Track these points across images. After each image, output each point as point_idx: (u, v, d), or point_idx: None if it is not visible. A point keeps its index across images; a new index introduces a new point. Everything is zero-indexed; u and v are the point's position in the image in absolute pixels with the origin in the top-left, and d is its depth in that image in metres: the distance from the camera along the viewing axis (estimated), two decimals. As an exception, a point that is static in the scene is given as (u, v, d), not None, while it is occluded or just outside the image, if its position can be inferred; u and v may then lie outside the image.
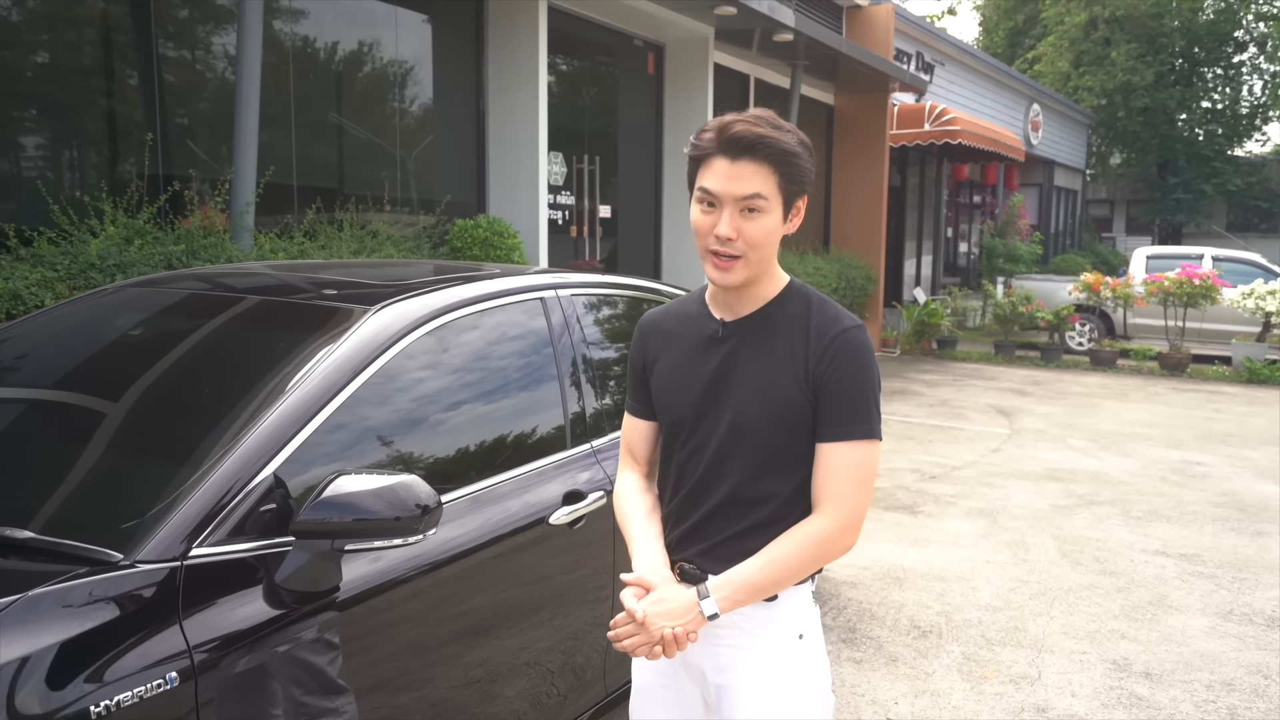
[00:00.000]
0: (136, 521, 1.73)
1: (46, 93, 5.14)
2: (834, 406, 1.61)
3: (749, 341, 1.68)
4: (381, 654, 1.97)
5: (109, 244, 4.58)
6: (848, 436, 1.61)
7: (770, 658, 1.68)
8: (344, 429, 2.05)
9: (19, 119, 5.03)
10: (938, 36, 16.25)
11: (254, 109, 5.27)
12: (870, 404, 1.63)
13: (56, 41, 5.19)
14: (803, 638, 1.71)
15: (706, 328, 1.72)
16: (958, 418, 8.76)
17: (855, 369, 1.63)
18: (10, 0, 4.92)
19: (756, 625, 1.68)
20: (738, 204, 1.58)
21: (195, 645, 1.65)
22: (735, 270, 1.61)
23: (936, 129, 13.91)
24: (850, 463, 1.61)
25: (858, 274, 12.70)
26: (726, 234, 1.58)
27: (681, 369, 1.73)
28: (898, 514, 5.63)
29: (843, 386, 1.62)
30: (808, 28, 9.54)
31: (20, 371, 2.43)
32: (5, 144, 4.94)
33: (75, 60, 5.27)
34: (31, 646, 1.48)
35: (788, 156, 1.59)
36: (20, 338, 2.54)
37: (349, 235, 5.93)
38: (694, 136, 1.65)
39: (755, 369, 1.66)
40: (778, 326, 1.67)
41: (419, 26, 7.31)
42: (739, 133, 1.57)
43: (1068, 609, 4.24)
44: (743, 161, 1.57)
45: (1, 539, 1.70)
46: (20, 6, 4.98)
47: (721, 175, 1.58)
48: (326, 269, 2.97)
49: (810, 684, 1.71)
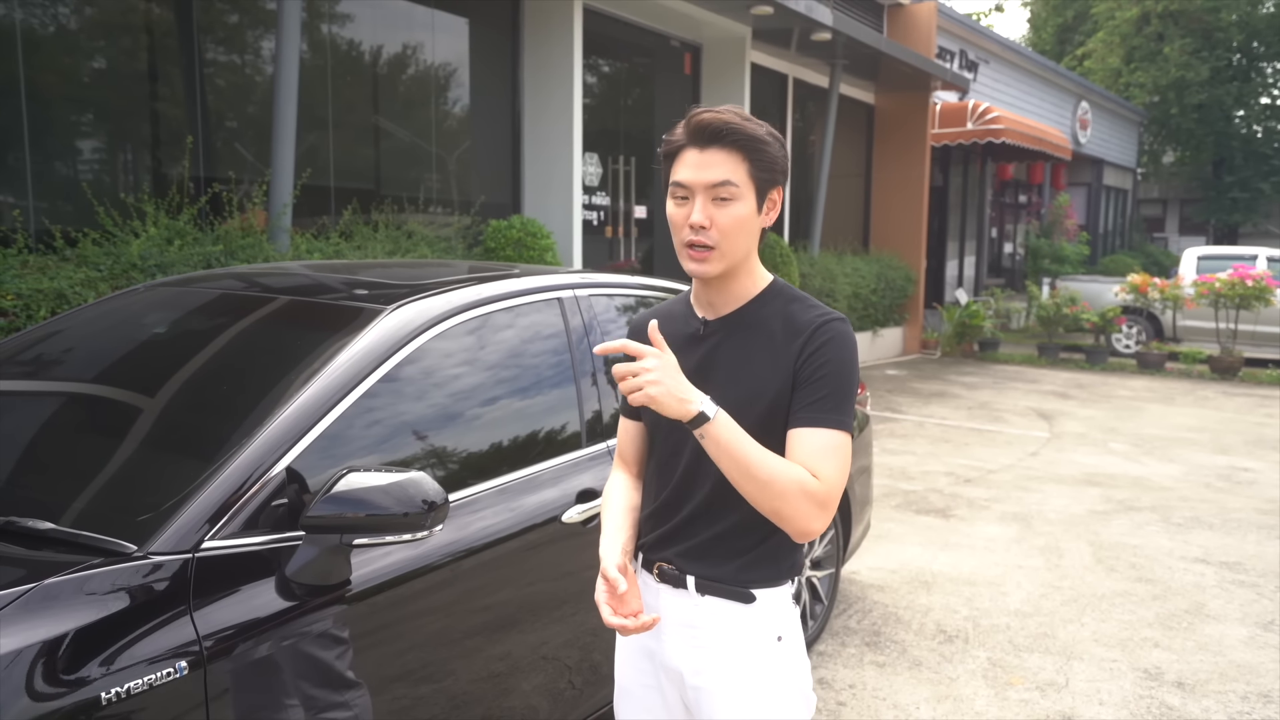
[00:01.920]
0: (151, 514, 1.78)
1: (93, 98, 5.29)
2: (807, 393, 1.58)
3: (730, 340, 1.67)
4: (391, 649, 2.00)
5: (150, 245, 4.70)
6: (826, 424, 1.56)
7: (748, 660, 1.66)
8: (357, 426, 2.09)
9: (66, 124, 5.17)
10: (982, 34, 16.02)
11: (291, 113, 5.38)
12: (848, 397, 1.60)
13: (102, 48, 5.33)
14: (781, 640, 1.68)
15: (689, 327, 1.72)
16: (996, 421, 8.63)
17: (831, 359, 1.60)
18: (57, 9, 5.07)
19: (734, 627, 1.66)
20: (708, 192, 1.58)
21: (205, 635, 1.69)
22: (711, 261, 1.60)
23: (979, 128, 13.72)
24: (832, 446, 1.56)
25: (897, 275, 12.58)
26: (699, 221, 1.57)
27: None
28: (929, 517, 5.57)
29: (824, 375, 1.58)
30: (846, 26, 9.47)
31: (51, 367, 2.51)
32: (54, 149, 5.09)
33: (120, 66, 5.41)
34: (46, 633, 1.53)
35: (755, 143, 1.59)
36: (54, 335, 2.62)
37: (384, 236, 6.01)
38: (665, 135, 1.66)
39: (735, 367, 1.65)
40: (758, 324, 1.66)
41: (456, 29, 7.39)
42: (705, 121, 1.58)
43: (1100, 616, 4.17)
44: (711, 150, 1.58)
45: (23, 529, 1.76)
46: (68, 15, 5.13)
47: (691, 165, 1.59)
48: (351, 269, 3.02)
49: (789, 686, 1.69)
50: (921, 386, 10.55)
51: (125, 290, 2.86)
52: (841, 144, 12.66)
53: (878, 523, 5.39)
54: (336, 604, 1.90)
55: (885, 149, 13.41)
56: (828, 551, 3.80)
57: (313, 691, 1.87)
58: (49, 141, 5.05)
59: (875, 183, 13.59)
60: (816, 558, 3.74)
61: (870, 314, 12.11)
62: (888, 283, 12.35)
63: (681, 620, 1.69)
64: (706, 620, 1.66)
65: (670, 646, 1.70)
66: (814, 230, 11.23)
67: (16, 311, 4.02)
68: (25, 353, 2.55)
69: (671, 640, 1.70)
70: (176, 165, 5.51)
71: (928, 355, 13.30)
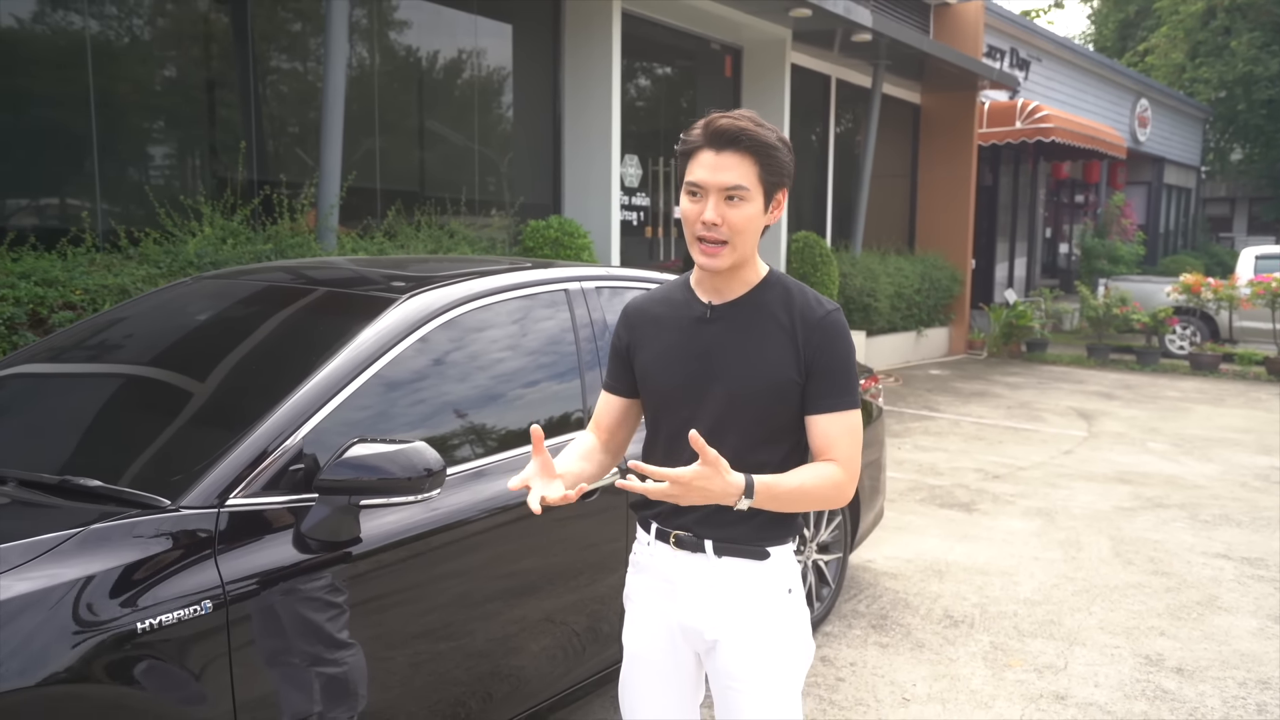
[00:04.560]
0: (184, 474, 2.03)
1: (156, 106, 5.65)
2: (826, 383, 1.80)
3: (737, 323, 1.84)
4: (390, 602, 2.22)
5: (205, 244, 5.03)
6: (840, 408, 1.80)
7: (763, 612, 1.84)
8: (368, 402, 2.32)
9: (131, 131, 5.54)
10: (1033, 31, 15.87)
11: (339, 118, 5.68)
12: (853, 378, 1.82)
13: (165, 59, 5.69)
14: (791, 591, 1.88)
15: (694, 311, 1.87)
16: (1035, 420, 8.62)
17: (840, 349, 1.81)
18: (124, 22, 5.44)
19: (751, 582, 1.84)
20: (722, 192, 1.73)
21: (228, 580, 1.93)
22: (722, 255, 1.77)
23: (1028, 127, 13.61)
24: (848, 428, 1.80)
25: (942, 275, 12.56)
26: (712, 219, 1.73)
27: (671, 349, 1.87)
28: (952, 511, 5.66)
29: (831, 366, 1.80)
30: (887, 27, 9.54)
31: (107, 350, 2.79)
32: (120, 154, 5.45)
33: (181, 76, 5.77)
34: (92, 569, 1.78)
35: (767, 149, 1.75)
36: (114, 322, 2.90)
37: (425, 235, 6.29)
38: (683, 134, 1.81)
39: (747, 348, 1.82)
40: (762, 309, 1.84)
41: (499, 34, 7.66)
42: (723, 126, 1.73)
43: (1109, 605, 4.24)
44: (726, 153, 1.73)
45: (77, 486, 2.02)
46: (134, 28, 5.49)
47: (707, 166, 1.74)
48: (382, 264, 3.26)
49: (798, 633, 1.89)
50: (963, 386, 10.54)
51: (177, 282, 3.14)
52: (886, 144, 12.69)
53: (899, 515, 5.50)
54: (343, 562, 2.12)
55: (931, 149, 13.39)
56: (835, 537, 3.94)
57: (320, 635, 2.09)
58: (116, 148, 5.41)
59: (921, 183, 13.57)
60: (824, 542, 3.89)
61: (914, 314, 12.11)
62: (932, 283, 12.34)
63: (700, 581, 1.85)
64: (724, 578, 1.83)
65: (688, 606, 1.86)
66: (856, 230, 11.29)
67: (84, 305, 4.36)
68: (87, 338, 2.84)
69: (690, 600, 1.86)
70: (231, 169, 5.86)
71: (974, 356, 13.24)
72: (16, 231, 5.00)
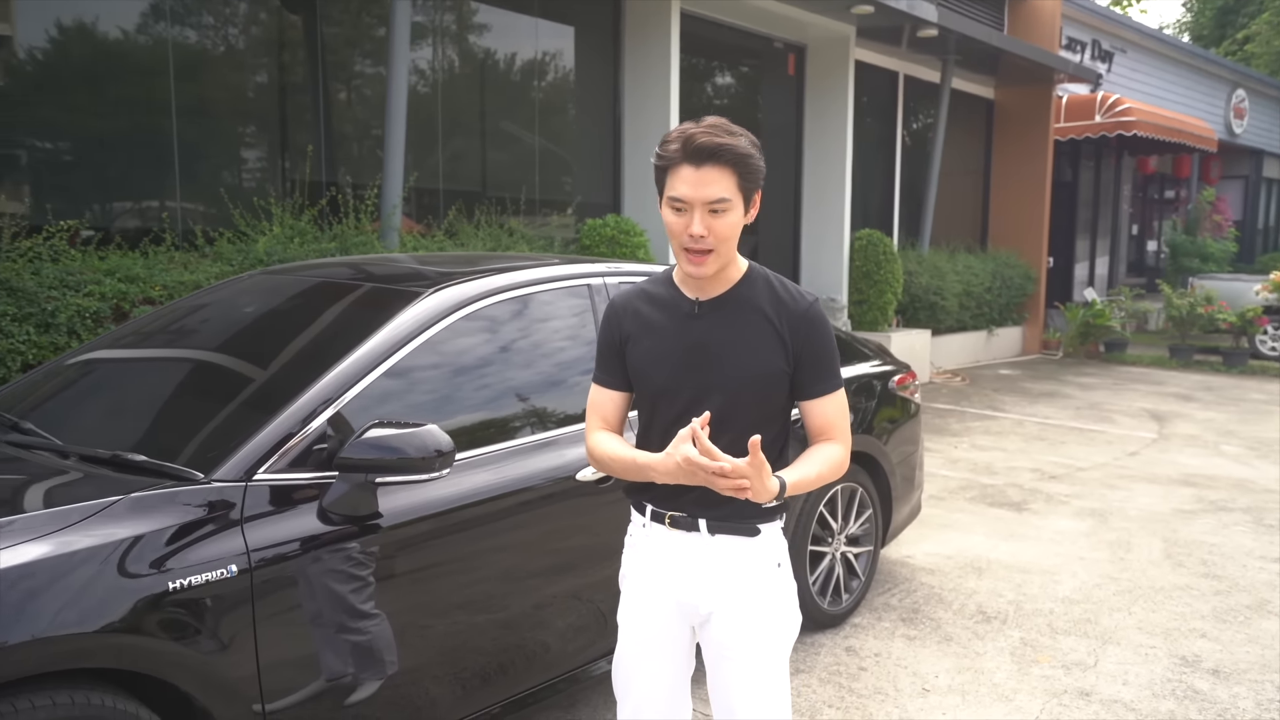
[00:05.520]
0: (218, 451, 2.22)
1: (231, 112, 5.98)
2: (814, 371, 1.95)
3: (724, 317, 1.95)
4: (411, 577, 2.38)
5: (274, 242, 5.32)
6: (830, 390, 1.98)
7: (755, 585, 1.97)
8: (391, 387, 2.49)
9: (208, 136, 5.88)
10: (1117, 22, 15.39)
11: (401, 122, 5.93)
12: (836, 362, 1.98)
13: (239, 66, 6.02)
14: (779, 566, 2.01)
15: (682, 307, 1.98)
16: (1103, 421, 8.43)
17: (823, 338, 1.96)
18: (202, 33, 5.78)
19: (743, 557, 1.97)
20: (706, 206, 1.83)
21: (253, 547, 2.12)
22: (708, 263, 1.88)
23: (1108, 120, 13.23)
24: (840, 407, 1.99)
25: (1015, 273, 12.32)
26: (699, 232, 1.83)
27: (661, 344, 1.98)
28: (1001, 510, 5.61)
29: (817, 354, 1.95)
30: (954, 22, 9.43)
31: (164, 338, 3.03)
32: (197, 158, 5.80)
33: (254, 82, 6.10)
34: (132, 531, 1.98)
35: (744, 159, 1.84)
36: (174, 313, 3.15)
37: (484, 233, 6.51)
38: (659, 147, 1.89)
39: (736, 341, 1.93)
40: (747, 304, 1.95)
41: (560, 37, 7.84)
42: (702, 143, 1.81)
43: (1151, 607, 4.18)
44: (706, 168, 1.82)
45: (125, 460, 2.24)
46: (211, 38, 5.83)
47: (689, 182, 1.82)
48: (426, 260, 3.44)
49: (787, 605, 2.01)
50: (1032, 386, 10.34)
51: (234, 278, 3.38)
52: (958, 140, 12.50)
53: (945, 513, 5.49)
54: (362, 536, 2.29)
55: (1005, 144, 13.13)
56: (865, 530, 3.98)
57: (343, 602, 2.26)
58: (194, 152, 5.76)
59: (994, 179, 13.32)
60: (853, 535, 3.94)
61: (984, 313, 11.91)
62: (1004, 281, 12.11)
63: (695, 558, 1.97)
64: (718, 555, 1.96)
65: (684, 582, 1.98)
66: (924, 228, 11.17)
67: (161, 300, 4.67)
68: (150, 327, 3.09)
69: (685, 578, 1.98)
70: (301, 170, 6.16)
71: (1048, 356, 12.94)
72: (105, 232, 5.38)
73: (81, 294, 4.43)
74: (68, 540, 1.91)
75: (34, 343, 4.21)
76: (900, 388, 4.22)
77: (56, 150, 5.28)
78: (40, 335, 4.24)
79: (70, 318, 4.33)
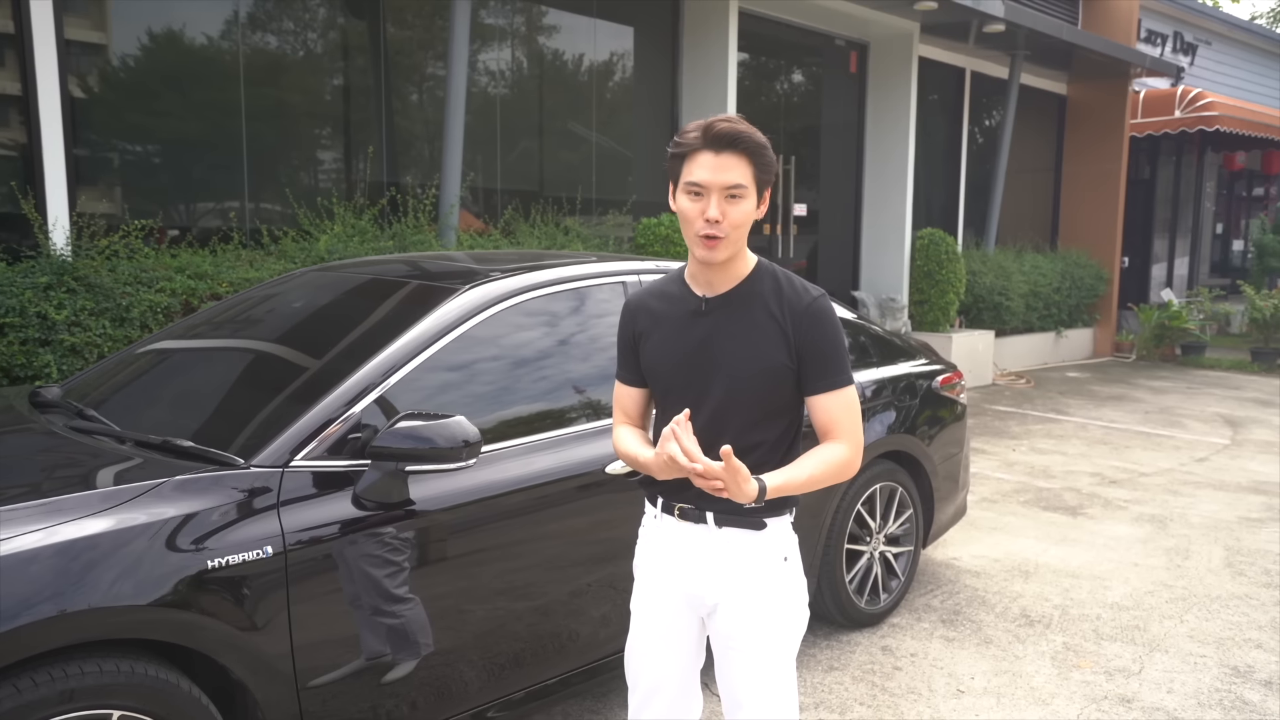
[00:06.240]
0: (258, 438, 2.34)
1: (297, 114, 6.20)
2: (818, 365, 1.95)
3: (731, 314, 1.99)
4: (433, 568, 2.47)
5: (334, 241, 5.50)
6: (835, 386, 1.96)
7: (759, 578, 2.00)
8: (425, 379, 2.58)
9: (275, 138, 6.10)
10: (1201, 13, 14.85)
11: (459, 123, 6.07)
12: (844, 357, 1.97)
13: (306, 71, 6.24)
14: (786, 560, 2.03)
15: (689, 304, 2.03)
16: (1172, 426, 8.17)
17: (827, 332, 1.96)
18: (270, 39, 6.00)
19: (749, 550, 2.00)
20: (724, 191, 1.87)
21: (288, 530, 2.23)
22: (721, 248, 1.91)
23: (1188, 115, 12.79)
24: (845, 404, 1.96)
25: (1086, 273, 12.01)
26: (715, 216, 1.86)
27: (670, 341, 2.03)
28: (1055, 514, 5.50)
29: (821, 349, 1.95)
30: (1022, 16, 9.24)
31: (219, 331, 3.19)
32: (265, 159, 6.02)
33: (319, 86, 6.31)
34: (174, 512, 2.10)
35: (760, 150, 1.89)
36: (231, 307, 3.31)
37: (540, 232, 6.62)
38: (677, 136, 1.95)
39: (741, 337, 1.97)
40: (753, 300, 1.99)
41: (619, 37, 7.92)
42: (723, 130, 1.87)
43: (1205, 615, 4.07)
44: (726, 154, 1.86)
45: (173, 445, 2.37)
46: (278, 44, 6.05)
47: (708, 167, 1.87)
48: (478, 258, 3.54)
49: (793, 599, 2.03)
50: (1100, 390, 10.07)
51: (286, 275, 3.53)
52: (1028, 137, 12.24)
53: (997, 516, 5.41)
54: (397, 522, 2.39)
55: (1077, 141, 12.80)
56: (905, 530, 3.97)
57: (376, 585, 2.37)
58: (262, 153, 5.99)
59: (1065, 177, 12.99)
60: (893, 534, 3.92)
61: (1052, 314, 11.63)
62: (1074, 281, 11.81)
63: (701, 550, 2.02)
64: (724, 547, 2.00)
65: (691, 574, 2.03)
66: (990, 227, 10.96)
67: (228, 296, 4.88)
68: (206, 319, 3.25)
69: (692, 569, 2.03)
70: (362, 171, 6.35)
71: (1120, 358, 12.58)
72: (178, 231, 5.63)
73: (154, 290, 4.66)
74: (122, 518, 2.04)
75: (109, 336, 4.44)
76: (945, 387, 4.19)
77: (135, 153, 5.55)
78: (115, 329, 4.47)
79: (143, 312, 4.56)
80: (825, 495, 3.51)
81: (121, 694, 1.98)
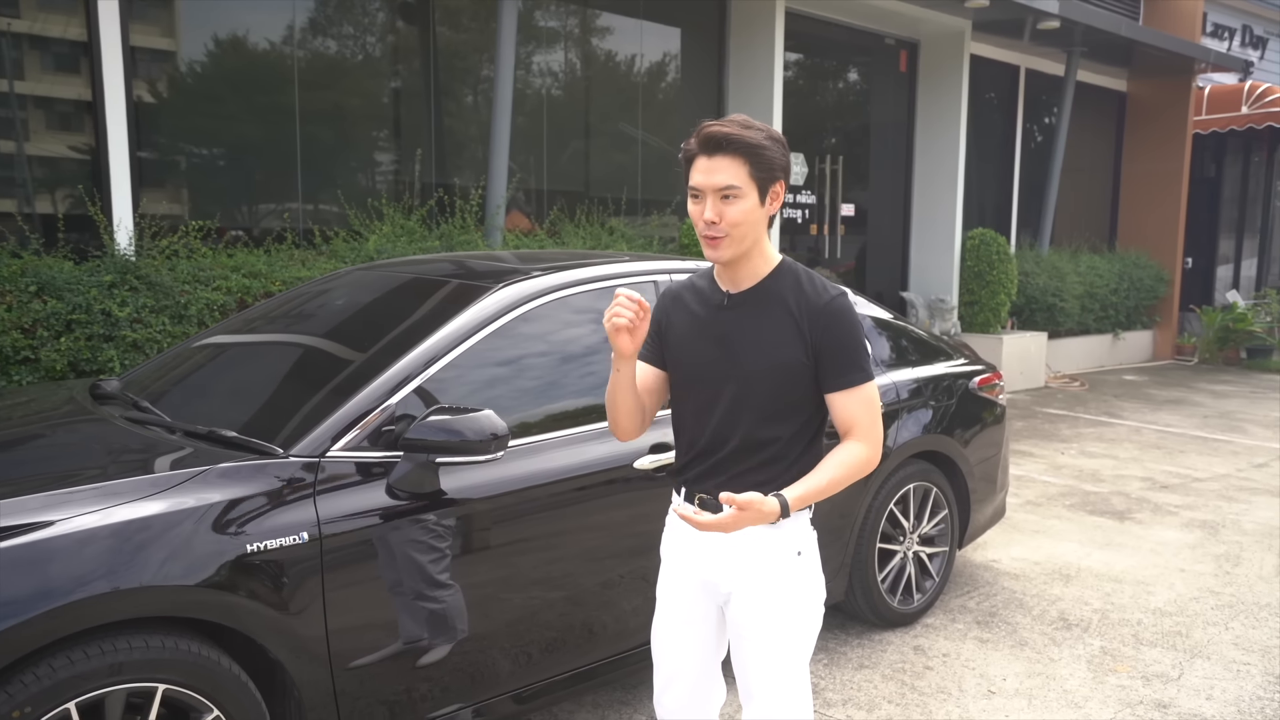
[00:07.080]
0: (298, 429, 2.45)
1: (348, 117, 6.37)
2: (835, 362, 1.99)
3: (751, 310, 2.05)
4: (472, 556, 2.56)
5: (383, 241, 5.65)
6: (853, 383, 1.99)
7: (773, 570, 2.04)
8: (460, 374, 2.67)
9: (327, 141, 6.28)
10: (1273, 5, 14.39)
11: (506, 125, 6.19)
12: (862, 354, 2.01)
13: (357, 76, 6.41)
14: (801, 554, 2.06)
15: (715, 298, 2.10)
16: (1232, 430, 7.97)
17: (844, 330, 1.99)
18: (322, 45, 6.18)
19: (763, 543, 2.04)
20: (717, 193, 1.94)
21: (324, 518, 2.33)
22: (722, 247, 1.98)
23: (1256, 112, 12.42)
24: (863, 401, 2.00)
25: (1145, 274, 11.74)
26: (711, 218, 1.94)
27: (694, 332, 2.10)
28: (1101, 518, 5.42)
29: (838, 346, 1.99)
30: (1078, 12, 9.08)
31: (267, 326, 3.32)
32: (317, 162, 6.20)
33: (370, 89, 6.47)
34: (217, 498, 2.21)
35: (755, 149, 1.93)
36: (280, 304, 3.44)
37: (584, 232, 6.71)
38: (684, 143, 2.04)
39: (759, 333, 2.02)
40: (773, 297, 2.04)
41: (665, 38, 7.97)
42: (712, 133, 1.94)
43: (1253, 623, 3.99)
44: (716, 157, 1.93)
45: (219, 435, 2.49)
46: (330, 49, 6.23)
47: (701, 170, 1.95)
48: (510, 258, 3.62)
49: (807, 593, 2.07)
50: (1157, 393, 9.84)
51: (333, 274, 3.65)
52: (1086, 136, 12.00)
53: (1041, 519, 5.34)
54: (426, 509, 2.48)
55: (1137, 139, 12.51)
56: (939, 530, 3.96)
57: (414, 571, 2.45)
58: (314, 156, 6.16)
59: (1125, 176, 12.71)
60: (927, 534, 3.92)
61: (1109, 315, 11.39)
62: (1133, 282, 11.55)
63: (717, 539, 2.07)
64: (739, 538, 2.04)
65: (707, 562, 2.09)
66: (1043, 227, 10.78)
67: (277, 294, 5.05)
68: (257, 315, 3.39)
69: (708, 557, 2.09)
70: (411, 173, 6.50)
71: (1181, 361, 12.27)
72: (235, 231, 5.83)
73: (210, 288, 4.84)
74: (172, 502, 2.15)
75: (169, 332, 4.62)
76: (983, 388, 4.16)
77: (195, 155, 5.76)
78: (174, 326, 4.66)
79: (200, 310, 4.74)
80: (857, 494, 3.52)
81: (167, 669, 2.10)
